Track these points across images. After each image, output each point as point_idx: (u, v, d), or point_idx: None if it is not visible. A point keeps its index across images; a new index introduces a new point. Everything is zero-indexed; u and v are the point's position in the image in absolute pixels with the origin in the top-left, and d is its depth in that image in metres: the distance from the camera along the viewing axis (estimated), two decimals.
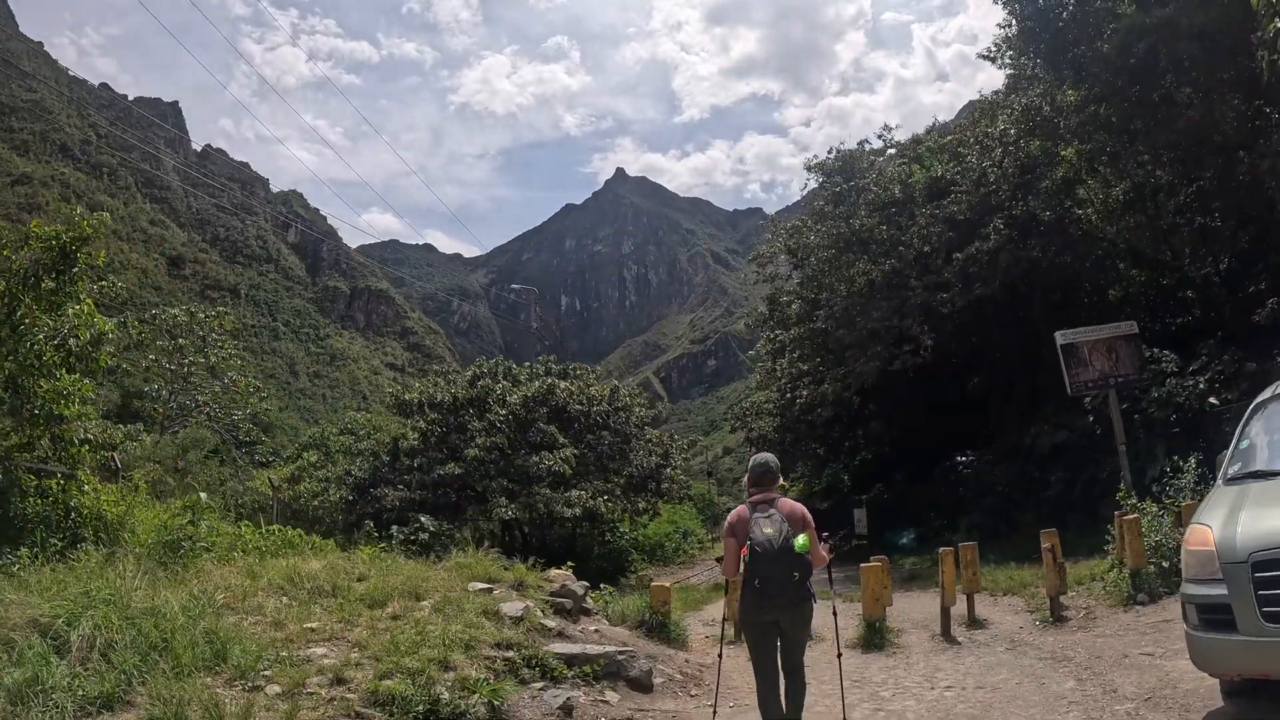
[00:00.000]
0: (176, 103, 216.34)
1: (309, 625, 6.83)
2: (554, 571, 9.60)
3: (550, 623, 7.52)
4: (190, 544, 9.21)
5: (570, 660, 6.85)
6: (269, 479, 24.12)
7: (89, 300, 10.41)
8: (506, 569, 9.46)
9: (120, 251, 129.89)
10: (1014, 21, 23.67)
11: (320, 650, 6.30)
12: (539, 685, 6.37)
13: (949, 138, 28.13)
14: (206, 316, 38.62)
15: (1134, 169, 22.31)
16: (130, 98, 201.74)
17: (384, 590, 7.86)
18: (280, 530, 11.72)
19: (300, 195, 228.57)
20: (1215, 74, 19.78)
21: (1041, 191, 23.72)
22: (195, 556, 9.11)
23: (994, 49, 25.12)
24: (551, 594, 8.47)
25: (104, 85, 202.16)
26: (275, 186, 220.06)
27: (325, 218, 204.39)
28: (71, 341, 9.95)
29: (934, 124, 30.04)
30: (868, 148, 28.56)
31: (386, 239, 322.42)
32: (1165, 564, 10.01)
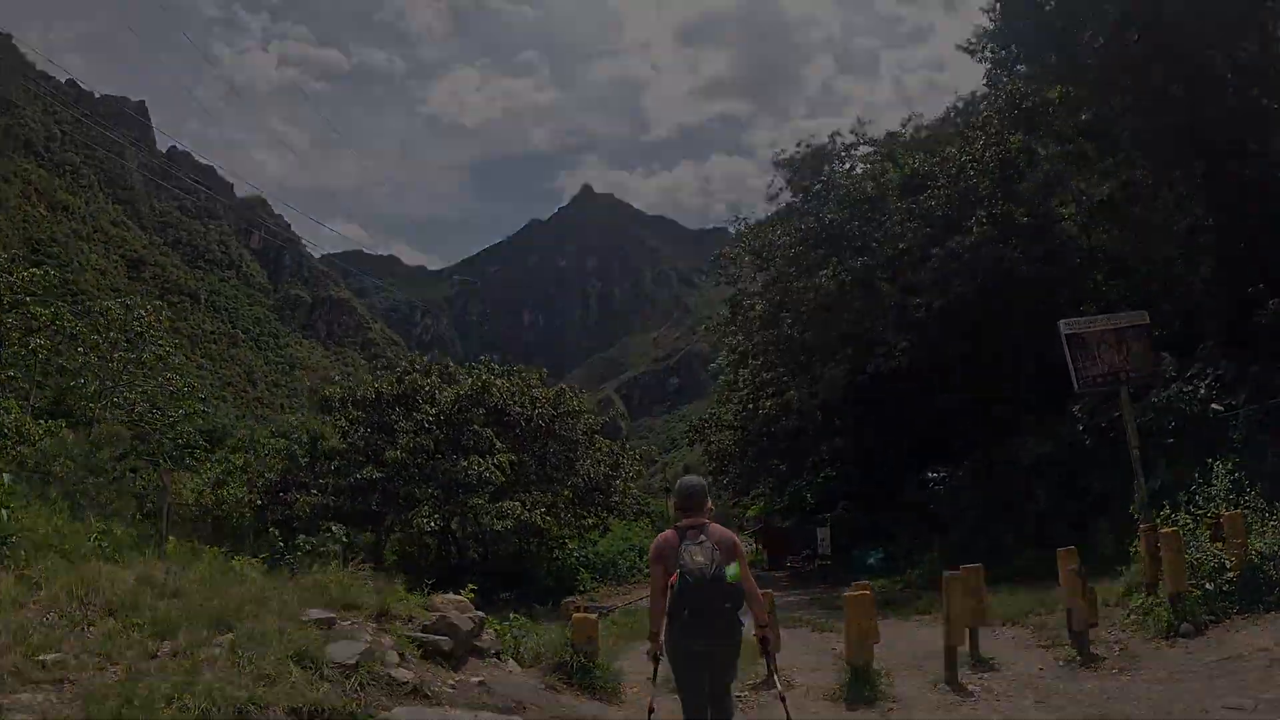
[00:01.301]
0: (143, 102, 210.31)
1: (43, 657, 4.67)
2: (442, 597, 7.35)
3: (403, 673, 5.24)
4: None
5: None
6: (160, 478, 21.55)
7: None
8: (379, 592, 7.23)
9: (79, 251, 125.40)
10: (997, 4, 22.37)
11: (27, 697, 4.16)
12: None
13: (926, 134, 26.58)
14: (143, 311, 35.88)
15: (1119, 169, 21.06)
16: (96, 95, 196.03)
17: (185, 615, 5.64)
18: (111, 531, 9.39)
19: (265, 202, 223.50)
20: (1211, 61, 18.60)
21: (1022, 194, 22.32)
22: None
23: (974, 41, 23.79)
24: (424, 629, 6.18)
25: (71, 82, 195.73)
26: (240, 192, 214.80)
27: (289, 225, 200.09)
28: None
29: (909, 117, 28.45)
30: (840, 141, 26.80)
31: (352, 249, 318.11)
32: (1209, 586, 8.15)
